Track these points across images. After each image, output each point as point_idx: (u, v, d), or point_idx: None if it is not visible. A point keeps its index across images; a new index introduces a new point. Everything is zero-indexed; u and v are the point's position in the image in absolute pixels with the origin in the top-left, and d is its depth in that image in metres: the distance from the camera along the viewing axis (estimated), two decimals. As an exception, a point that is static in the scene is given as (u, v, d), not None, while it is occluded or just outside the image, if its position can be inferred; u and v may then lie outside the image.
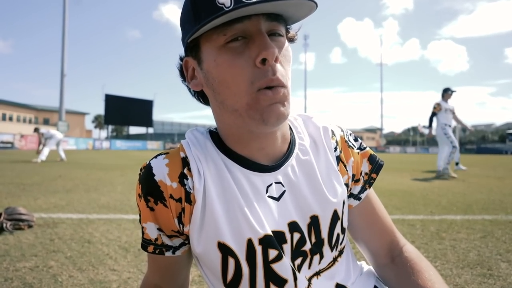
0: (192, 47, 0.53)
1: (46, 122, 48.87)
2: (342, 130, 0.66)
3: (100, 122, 65.63)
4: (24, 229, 2.30)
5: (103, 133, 68.88)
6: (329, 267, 0.60)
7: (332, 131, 0.64)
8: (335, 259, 0.61)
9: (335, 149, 0.62)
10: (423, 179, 6.11)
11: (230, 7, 0.45)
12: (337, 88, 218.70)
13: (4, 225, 2.22)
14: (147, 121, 47.47)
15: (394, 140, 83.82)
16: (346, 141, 0.64)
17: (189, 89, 0.59)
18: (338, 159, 0.62)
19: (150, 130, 50.26)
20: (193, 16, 0.49)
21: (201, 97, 0.59)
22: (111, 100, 42.66)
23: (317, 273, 0.59)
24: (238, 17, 0.46)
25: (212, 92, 0.53)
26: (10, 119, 43.07)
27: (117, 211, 3.01)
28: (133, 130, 57.05)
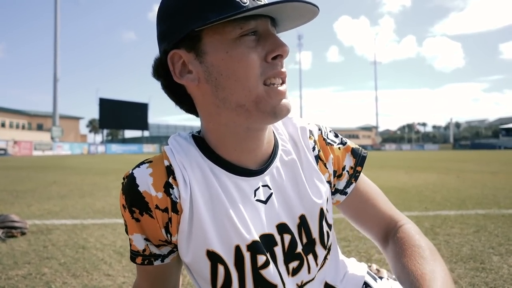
0: (188, 39, 0.49)
1: (39, 127, 48.36)
2: (320, 129, 0.65)
3: (95, 126, 65.13)
4: (17, 237, 2.27)
5: (98, 138, 68.41)
6: (321, 267, 0.60)
7: (310, 131, 0.63)
8: (325, 258, 0.61)
9: (313, 148, 0.62)
10: (418, 176, 6.15)
11: (260, 3, 0.48)
12: (333, 87, 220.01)
13: (-3, 233, 2.20)
14: (143, 124, 47.22)
15: (389, 137, 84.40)
16: (324, 139, 0.64)
17: (164, 86, 0.56)
18: (317, 158, 0.62)
19: (146, 133, 50.07)
20: (203, 6, 0.47)
21: (180, 96, 0.56)
22: (105, 104, 42.34)
23: (311, 280, 0.58)
24: (256, 14, 0.48)
25: (212, 88, 0.50)
26: (3, 125, 42.57)
27: (112, 215, 2.99)
28: (129, 133, 56.89)
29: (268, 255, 0.54)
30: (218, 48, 0.48)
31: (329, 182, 0.62)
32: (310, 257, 0.57)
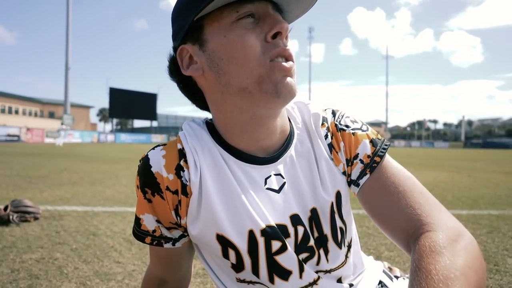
0: (192, 31, 0.51)
1: (51, 115, 49.22)
2: (335, 115, 0.61)
3: (105, 115, 65.99)
4: (30, 221, 2.32)
5: (108, 126, 69.30)
6: (342, 265, 0.57)
7: (324, 118, 0.60)
8: (346, 256, 0.58)
9: (326, 136, 0.58)
10: (428, 174, 6.06)
11: None
12: (344, 81, 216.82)
13: (11, 217, 2.25)
14: (152, 114, 47.59)
15: (399, 134, 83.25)
16: (336, 125, 0.59)
17: (178, 84, 0.58)
18: (331, 146, 0.58)
19: (155, 124, 50.44)
20: None
21: (192, 91, 0.58)
22: (115, 94, 42.77)
23: (327, 271, 0.56)
24: None
25: (215, 75, 0.51)
26: (16, 112, 43.50)
27: (121, 203, 3.03)
28: (138, 123, 57.30)
29: (284, 240, 0.52)
30: (217, 34, 0.49)
31: (344, 173, 0.58)
32: (322, 251, 0.56)
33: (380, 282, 0.67)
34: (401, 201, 0.51)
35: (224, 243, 0.52)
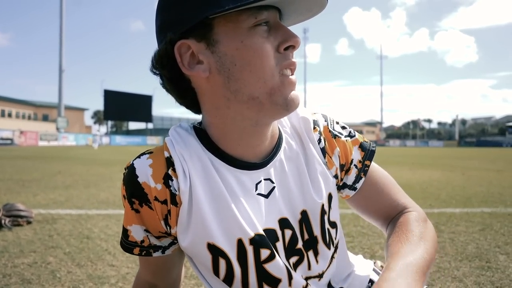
0: (199, 27, 0.47)
1: (45, 118, 48.71)
2: (326, 120, 0.62)
3: (99, 117, 65.48)
4: (23, 225, 2.30)
5: (103, 129, 68.80)
6: (328, 266, 0.58)
7: (315, 122, 0.61)
8: (332, 257, 0.59)
9: (319, 141, 0.59)
10: (423, 173, 6.11)
11: None
12: (340, 81, 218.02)
13: (3, 221, 2.22)
14: (147, 116, 47.35)
15: (394, 133, 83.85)
16: (330, 131, 0.61)
17: (168, 80, 0.52)
18: (324, 151, 0.59)
19: (150, 126, 50.20)
20: None
21: (184, 90, 0.53)
22: (110, 96, 42.48)
23: (319, 276, 0.57)
24: (269, 5, 0.48)
25: (224, 80, 0.48)
26: (9, 115, 42.96)
27: (116, 206, 3.01)
28: (133, 125, 57.12)
29: (273, 248, 0.53)
30: (232, 37, 0.47)
31: (336, 176, 0.60)
32: (311, 253, 0.56)
33: (371, 281, 0.67)
34: (389, 196, 0.63)
35: (215, 252, 0.51)
